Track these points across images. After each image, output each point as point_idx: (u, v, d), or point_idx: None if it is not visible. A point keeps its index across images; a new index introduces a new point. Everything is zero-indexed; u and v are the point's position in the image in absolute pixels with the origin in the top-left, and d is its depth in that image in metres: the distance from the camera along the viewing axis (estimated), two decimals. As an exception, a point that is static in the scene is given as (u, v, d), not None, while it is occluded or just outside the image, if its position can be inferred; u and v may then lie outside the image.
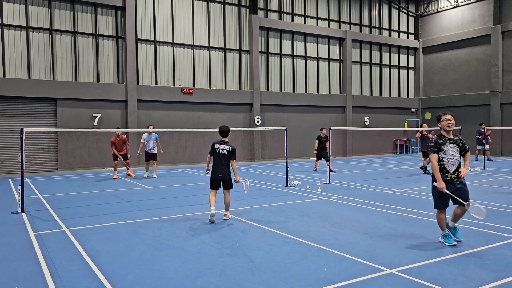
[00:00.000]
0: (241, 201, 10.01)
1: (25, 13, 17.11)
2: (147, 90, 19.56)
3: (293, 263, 5.31)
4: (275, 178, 14.70)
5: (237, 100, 21.92)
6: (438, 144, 5.89)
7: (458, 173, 5.86)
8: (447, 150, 5.86)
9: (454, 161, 5.85)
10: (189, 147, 20.10)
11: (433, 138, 5.95)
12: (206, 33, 21.36)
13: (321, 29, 24.90)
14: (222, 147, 7.75)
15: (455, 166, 5.86)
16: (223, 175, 7.74)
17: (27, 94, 16.92)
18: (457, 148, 5.88)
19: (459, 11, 26.72)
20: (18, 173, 15.94)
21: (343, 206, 9.20)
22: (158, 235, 6.83)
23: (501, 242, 6.10)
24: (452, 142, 5.90)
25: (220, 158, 7.72)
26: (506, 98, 24.32)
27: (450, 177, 5.87)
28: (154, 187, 12.70)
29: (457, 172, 5.87)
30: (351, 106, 25.94)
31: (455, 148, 5.87)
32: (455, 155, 5.85)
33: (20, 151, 9.20)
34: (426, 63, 28.98)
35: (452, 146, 5.87)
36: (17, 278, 4.89)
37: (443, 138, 5.93)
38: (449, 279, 4.68)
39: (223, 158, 7.72)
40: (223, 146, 7.76)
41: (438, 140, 5.92)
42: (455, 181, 5.88)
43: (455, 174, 5.87)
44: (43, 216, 8.50)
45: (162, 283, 4.68)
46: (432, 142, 5.92)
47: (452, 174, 5.88)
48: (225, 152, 7.73)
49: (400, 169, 17.13)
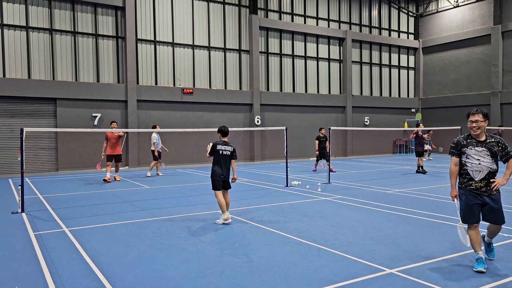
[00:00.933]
0: (241, 201, 10.01)
1: (25, 13, 17.11)
2: (147, 90, 19.56)
3: (293, 263, 5.31)
4: (275, 178, 14.70)
5: (237, 100, 21.92)
6: (459, 146, 5.01)
7: (490, 183, 4.89)
8: (471, 154, 4.93)
9: (480, 167, 4.88)
10: (189, 147, 20.09)
11: (456, 139, 5.10)
12: (206, 33, 21.36)
13: (321, 29, 24.90)
14: (225, 148, 7.71)
15: (483, 173, 4.89)
16: (226, 175, 7.73)
17: (27, 94, 16.92)
18: (487, 153, 4.87)
19: (459, 11, 26.73)
20: (18, 173, 15.95)
21: (343, 206, 9.20)
22: (158, 235, 6.83)
23: (501, 242, 6.09)
24: (481, 145, 4.91)
25: (223, 159, 7.68)
26: (506, 98, 24.32)
27: (475, 186, 4.92)
28: (154, 187, 12.70)
29: (487, 181, 4.89)
30: (351, 106, 25.94)
31: (483, 152, 4.88)
32: (482, 160, 4.88)
33: (20, 151, 9.20)
34: (426, 63, 28.98)
35: (480, 150, 4.89)
36: (17, 278, 4.89)
37: (468, 140, 4.98)
38: (449, 279, 4.68)
39: (226, 159, 7.70)
40: (225, 147, 7.72)
41: (461, 141, 5.02)
42: (483, 192, 4.91)
43: (483, 183, 4.89)
44: (43, 216, 8.50)
45: (162, 283, 4.68)
46: (454, 143, 5.08)
47: (478, 183, 4.91)
48: (228, 153, 7.71)
49: (400, 169, 17.12)
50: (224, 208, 7.56)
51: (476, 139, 4.96)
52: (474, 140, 4.96)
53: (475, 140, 4.95)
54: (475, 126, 4.92)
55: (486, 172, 4.89)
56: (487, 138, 4.95)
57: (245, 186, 12.68)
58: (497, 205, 4.92)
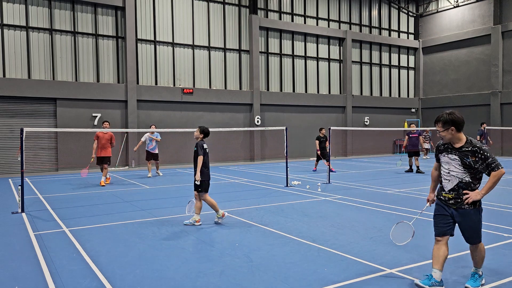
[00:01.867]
0: (241, 201, 10.01)
1: (25, 13, 17.11)
2: (147, 90, 19.56)
3: (293, 263, 5.31)
4: (275, 178, 14.70)
5: (237, 100, 21.92)
6: (437, 151, 4.59)
7: (461, 195, 4.31)
8: (443, 161, 4.46)
9: (449, 176, 4.37)
10: (189, 147, 20.05)
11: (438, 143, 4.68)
12: (206, 33, 21.36)
13: (321, 29, 24.90)
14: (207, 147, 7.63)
15: (452, 183, 4.35)
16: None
17: (27, 94, 16.92)
18: (458, 162, 4.29)
19: (459, 11, 26.73)
20: (18, 173, 15.94)
21: (343, 206, 9.20)
22: (158, 235, 6.83)
23: (501, 242, 6.09)
24: (455, 153, 4.33)
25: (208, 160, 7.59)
26: (506, 98, 24.32)
27: (444, 196, 4.44)
28: (154, 187, 12.70)
29: (456, 193, 4.32)
30: (351, 106, 25.94)
31: (456, 161, 4.31)
32: (451, 169, 4.35)
33: (20, 151, 9.19)
34: (426, 63, 28.98)
35: (452, 158, 4.35)
36: (17, 278, 4.89)
37: (445, 145, 4.48)
38: (449, 279, 4.68)
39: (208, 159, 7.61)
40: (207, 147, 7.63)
41: (440, 146, 4.57)
42: (450, 204, 4.37)
43: (452, 194, 4.35)
44: (43, 216, 8.50)
45: (162, 283, 4.68)
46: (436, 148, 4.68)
47: (447, 194, 4.40)
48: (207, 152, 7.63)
49: (400, 169, 17.12)
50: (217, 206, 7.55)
51: (453, 145, 4.38)
52: (450, 146, 4.40)
53: (451, 147, 4.39)
54: (441, 135, 4.41)
55: (455, 183, 4.32)
56: (464, 145, 4.28)
57: (245, 186, 12.68)
58: (466, 222, 4.30)
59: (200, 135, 7.61)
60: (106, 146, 12.79)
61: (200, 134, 7.61)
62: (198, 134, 7.63)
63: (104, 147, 12.75)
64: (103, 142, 12.73)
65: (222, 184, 13.41)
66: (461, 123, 4.27)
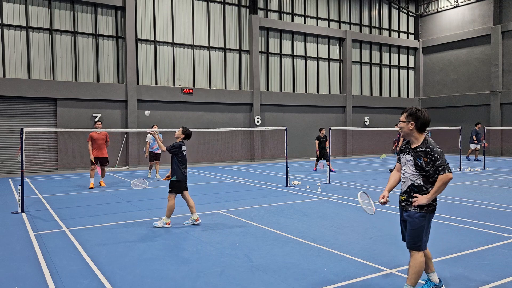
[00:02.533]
0: (241, 201, 10.01)
1: (25, 13, 17.10)
2: (147, 90, 19.55)
3: (293, 263, 5.31)
4: (275, 178, 14.70)
5: (237, 100, 21.92)
6: (399, 151, 4.33)
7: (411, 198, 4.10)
8: (402, 162, 4.24)
9: (404, 178, 4.18)
10: (188, 147, 20.02)
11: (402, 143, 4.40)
12: (206, 33, 21.36)
13: (321, 29, 24.90)
14: (185, 148, 7.53)
15: (405, 185, 4.16)
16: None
17: (27, 94, 16.91)
18: (412, 163, 4.07)
19: (459, 11, 26.72)
20: (18, 173, 15.94)
21: (343, 206, 9.20)
22: (158, 235, 6.83)
23: (501, 242, 6.09)
24: (410, 153, 4.10)
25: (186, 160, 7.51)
26: (506, 98, 24.31)
27: (400, 198, 4.26)
28: (154, 187, 12.70)
29: (408, 196, 4.13)
30: (351, 106, 25.94)
31: (410, 162, 4.09)
32: (406, 171, 4.14)
33: (20, 151, 9.19)
34: (426, 63, 28.98)
35: (408, 158, 4.12)
36: (17, 278, 4.89)
37: (406, 145, 4.23)
38: (449, 279, 4.68)
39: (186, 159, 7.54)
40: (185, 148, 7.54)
41: (401, 146, 4.31)
42: (402, 206, 4.20)
43: (404, 197, 4.17)
44: (43, 216, 8.50)
45: (162, 283, 4.68)
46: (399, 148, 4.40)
47: (401, 196, 4.22)
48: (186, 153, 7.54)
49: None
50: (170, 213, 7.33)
51: (411, 145, 4.14)
52: (409, 146, 4.15)
53: (409, 147, 4.14)
54: (400, 128, 4.15)
55: (408, 184, 4.12)
56: (419, 146, 4.04)
57: (245, 186, 12.68)
58: (409, 223, 4.08)
59: (182, 135, 7.45)
60: (103, 147, 12.54)
61: (181, 134, 7.44)
62: (180, 134, 7.44)
63: (101, 148, 12.49)
64: (99, 142, 12.45)
65: (222, 184, 13.41)
66: (423, 122, 4.04)
